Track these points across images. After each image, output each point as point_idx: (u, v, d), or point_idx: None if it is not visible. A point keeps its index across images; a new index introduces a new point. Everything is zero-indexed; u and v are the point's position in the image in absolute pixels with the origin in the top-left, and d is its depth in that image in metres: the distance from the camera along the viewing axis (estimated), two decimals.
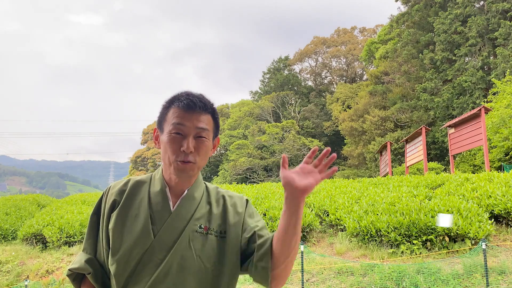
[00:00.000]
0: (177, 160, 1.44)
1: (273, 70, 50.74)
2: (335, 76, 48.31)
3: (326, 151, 1.39)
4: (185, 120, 1.45)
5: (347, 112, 34.45)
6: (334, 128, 38.40)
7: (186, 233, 1.45)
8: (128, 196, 1.52)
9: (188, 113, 1.45)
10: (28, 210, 14.19)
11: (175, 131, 1.44)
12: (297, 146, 34.75)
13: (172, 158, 1.45)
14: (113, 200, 1.52)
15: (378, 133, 30.24)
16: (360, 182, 12.75)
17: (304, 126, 40.98)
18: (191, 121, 1.45)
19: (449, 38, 26.89)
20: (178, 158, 1.44)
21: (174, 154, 1.44)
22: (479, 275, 6.71)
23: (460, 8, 26.84)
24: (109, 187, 1.59)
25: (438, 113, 26.75)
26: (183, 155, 1.43)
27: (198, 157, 1.46)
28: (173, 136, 1.44)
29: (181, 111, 1.46)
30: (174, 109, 1.48)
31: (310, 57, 48.79)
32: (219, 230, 1.50)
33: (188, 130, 1.44)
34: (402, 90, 30.71)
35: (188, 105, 1.46)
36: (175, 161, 1.44)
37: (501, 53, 23.56)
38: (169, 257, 1.42)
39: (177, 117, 1.45)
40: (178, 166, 1.44)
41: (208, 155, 1.52)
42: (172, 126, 1.45)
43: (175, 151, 1.44)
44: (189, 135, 1.44)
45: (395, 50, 31.26)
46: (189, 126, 1.44)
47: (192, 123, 1.45)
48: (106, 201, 1.55)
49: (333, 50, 46.70)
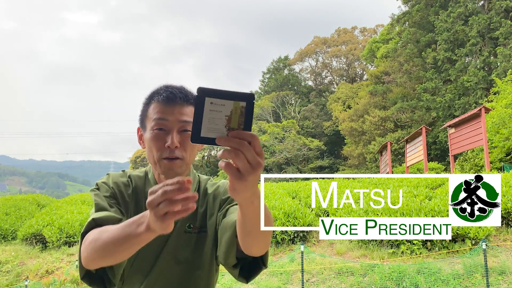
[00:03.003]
0: (162, 157, 1.35)
1: (272, 70, 50.74)
2: (335, 76, 48.30)
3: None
4: (167, 114, 1.36)
5: (347, 112, 34.44)
6: (334, 128, 38.38)
7: (174, 234, 1.42)
8: (135, 193, 1.47)
9: (169, 106, 1.37)
10: (28, 210, 14.18)
11: (157, 127, 1.36)
12: (297, 146, 34.71)
13: (157, 156, 1.36)
14: (117, 189, 1.45)
15: (378, 133, 30.24)
16: (360, 182, 12.74)
17: (304, 126, 40.96)
18: (173, 114, 1.36)
19: (451, 37, 26.87)
20: (163, 155, 1.35)
21: (158, 152, 1.36)
22: (479, 275, 6.69)
23: (461, 7, 26.82)
24: (109, 176, 1.51)
25: (439, 113, 26.74)
26: (168, 152, 1.35)
27: (185, 152, 1.37)
28: (155, 132, 1.36)
29: (161, 105, 1.38)
30: (154, 104, 1.39)
31: (311, 56, 48.78)
32: (201, 225, 1.46)
33: (171, 125, 1.36)
34: (403, 90, 30.70)
35: (168, 97, 1.38)
36: (161, 159, 1.36)
37: (501, 52, 23.54)
38: (159, 260, 1.41)
39: (158, 112, 1.37)
40: (164, 164, 1.36)
41: (196, 150, 1.44)
42: (154, 122, 1.36)
43: (160, 148, 1.35)
44: (172, 130, 1.35)
45: (396, 49, 31.25)
46: (172, 120, 1.36)
47: (174, 117, 1.36)
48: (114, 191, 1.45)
49: (333, 50, 46.69)
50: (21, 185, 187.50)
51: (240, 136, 0.85)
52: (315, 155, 36.23)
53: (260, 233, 1.14)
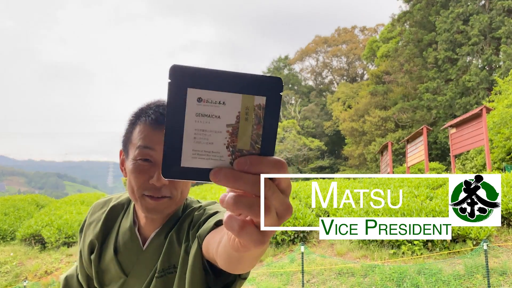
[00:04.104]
0: (144, 195, 1.09)
1: (273, 70, 50.75)
2: (335, 75, 48.30)
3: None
4: (154, 143, 1.09)
5: (347, 112, 34.43)
6: (334, 128, 38.37)
7: (151, 279, 1.17)
8: (105, 227, 1.27)
9: (158, 131, 1.09)
10: (27, 211, 14.17)
11: (141, 157, 1.09)
12: (298, 146, 34.70)
13: (138, 193, 1.09)
14: (92, 226, 1.29)
15: (379, 133, 30.22)
16: (360, 182, 12.72)
17: (304, 126, 40.95)
18: (161, 143, 1.03)
19: (452, 37, 26.84)
20: (146, 192, 1.09)
21: (140, 188, 1.09)
22: (481, 275, 6.66)
23: (462, 7, 26.78)
24: (91, 208, 1.36)
25: (441, 112, 26.72)
26: (153, 190, 1.08)
27: (175, 190, 1.11)
28: (139, 163, 1.09)
29: (149, 129, 1.10)
30: (140, 127, 1.12)
31: (311, 56, 48.80)
32: (167, 266, 1.16)
33: (159, 156, 1.08)
34: (404, 89, 30.68)
35: (158, 120, 1.10)
36: (142, 196, 1.10)
37: (505, 51, 23.49)
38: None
39: (143, 138, 1.09)
40: (147, 203, 1.09)
41: (189, 185, 1.18)
42: (138, 151, 1.09)
43: (142, 183, 1.09)
44: (160, 162, 1.08)
45: (396, 49, 31.23)
46: (160, 150, 1.06)
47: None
48: (86, 226, 1.31)
49: (334, 49, 46.70)
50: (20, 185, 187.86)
51: (257, 168, 0.49)
52: (315, 155, 36.23)
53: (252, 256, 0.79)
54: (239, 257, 0.72)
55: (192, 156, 0.48)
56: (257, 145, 0.49)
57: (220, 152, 0.48)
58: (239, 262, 0.75)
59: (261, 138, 0.49)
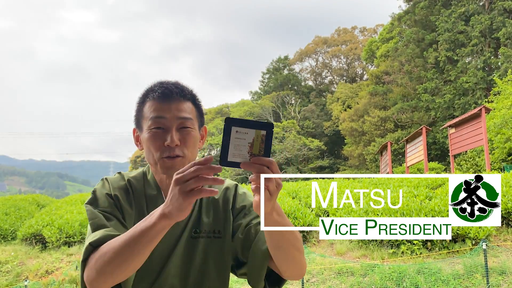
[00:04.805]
0: (162, 157, 1.28)
1: (272, 70, 50.73)
2: (335, 75, 48.31)
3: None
4: (164, 112, 1.29)
5: (347, 112, 34.45)
6: (334, 128, 38.38)
7: (182, 240, 1.35)
8: (135, 198, 1.37)
9: (166, 103, 1.30)
10: (28, 210, 14.17)
11: (155, 126, 1.29)
12: (298, 146, 34.71)
13: (157, 156, 1.29)
14: (117, 196, 1.34)
15: (378, 133, 30.25)
16: (360, 182, 12.74)
17: (304, 126, 40.96)
18: (170, 111, 1.29)
19: (453, 37, 26.80)
20: (163, 154, 1.28)
21: (158, 151, 1.29)
22: (480, 275, 6.69)
23: (463, 7, 26.75)
24: (107, 182, 1.38)
25: (439, 113, 26.73)
26: (168, 151, 1.28)
27: (186, 149, 1.30)
28: (153, 131, 1.29)
29: (157, 103, 1.31)
30: (149, 103, 1.33)
31: (310, 56, 48.79)
32: (212, 230, 1.38)
33: (169, 122, 1.29)
34: (403, 90, 30.70)
35: (164, 94, 1.31)
36: (161, 159, 1.29)
37: (504, 52, 23.48)
38: (166, 268, 1.32)
39: (154, 110, 1.30)
40: (165, 163, 1.29)
41: (197, 147, 1.36)
42: (151, 121, 1.29)
43: (159, 147, 1.28)
44: (171, 128, 1.28)
45: (396, 49, 31.22)
46: (170, 117, 1.29)
47: (172, 114, 1.29)
48: (113, 199, 1.34)
49: (333, 50, 46.70)
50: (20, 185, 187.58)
51: (260, 162, 1.00)
52: (315, 155, 36.25)
53: (291, 245, 1.24)
54: (278, 236, 1.19)
55: (233, 156, 0.99)
56: (261, 152, 1.00)
57: (245, 155, 0.99)
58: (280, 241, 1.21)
59: (263, 149, 1.00)
